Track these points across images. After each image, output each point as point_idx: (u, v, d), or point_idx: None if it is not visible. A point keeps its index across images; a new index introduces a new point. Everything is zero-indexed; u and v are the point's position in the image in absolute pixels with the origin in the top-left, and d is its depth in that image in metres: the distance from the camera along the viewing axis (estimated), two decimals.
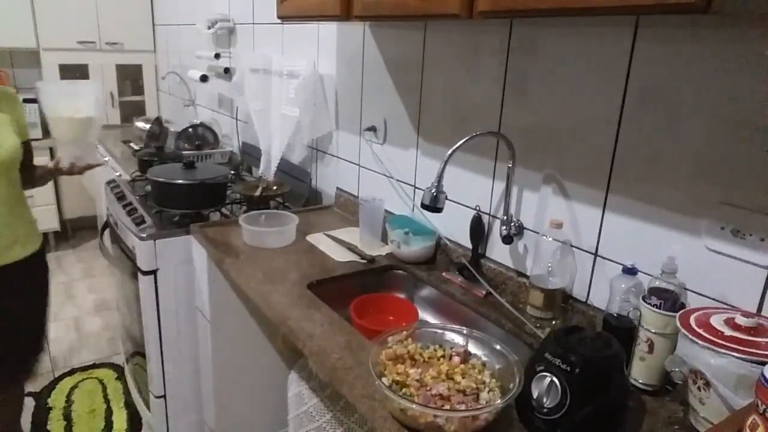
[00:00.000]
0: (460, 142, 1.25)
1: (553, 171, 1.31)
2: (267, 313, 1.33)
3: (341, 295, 1.41)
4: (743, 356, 0.81)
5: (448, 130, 1.59)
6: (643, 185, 1.12)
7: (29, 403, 2.39)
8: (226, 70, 2.81)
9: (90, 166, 1.82)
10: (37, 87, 1.94)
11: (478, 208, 1.50)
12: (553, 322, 1.26)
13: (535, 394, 0.88)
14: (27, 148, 1.69)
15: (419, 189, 1.74)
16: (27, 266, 1.68)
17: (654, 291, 1.02)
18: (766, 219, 0.94)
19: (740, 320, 0.88)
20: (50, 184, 3.80)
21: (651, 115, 1.09)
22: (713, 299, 1.03)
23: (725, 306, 1.01)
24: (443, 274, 1.53)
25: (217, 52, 2.91)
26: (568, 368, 0.86)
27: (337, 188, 2.14)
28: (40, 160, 3.67)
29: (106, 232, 2.29)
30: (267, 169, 2.38)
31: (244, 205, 2.10)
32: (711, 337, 0.86)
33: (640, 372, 1.03)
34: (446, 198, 1.26)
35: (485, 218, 1.49)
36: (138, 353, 2.11)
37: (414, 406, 0.85)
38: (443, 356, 1.03)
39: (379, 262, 1.61)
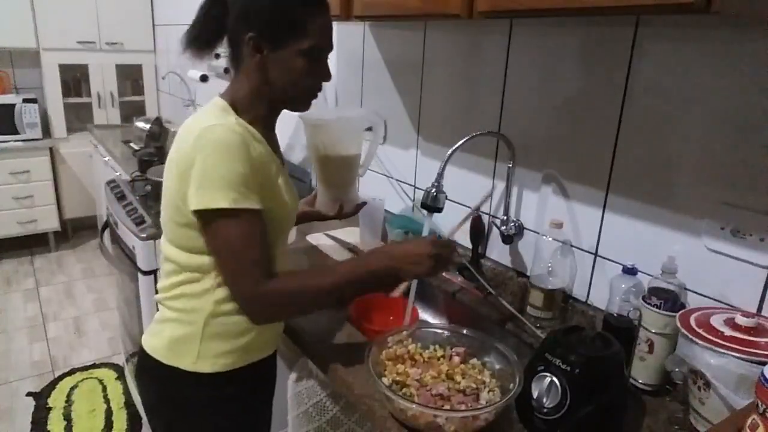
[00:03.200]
0: (460, 142, 1.25)
1: (553, 171, 1.31)
2: None
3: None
4: (743, 356, 0.82)
5: (448, 130, 1.59)
6: (643, 185, 1.12)
7: (29, 403, 2.40)
8: (226, 70, 2.79)
9: (358, 208, 1.37)
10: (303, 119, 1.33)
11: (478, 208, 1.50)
12: (553, 322, 1.26)
13: (535, 394, 0.88)
14: None
15: (419, 189, 1.74)
16: None
17: (654, 291, 1.02)
18: (766, 219, 0.94)
19: (740, 320, 0.88)
20: (50, 185, 3.81)
21: (651, 115, 1.09)
22: (713, 299, 1.03)
23: (725, 306, 1.01)
24: (443, 274, 1.53)
25: (217, 52, 2.90)
26: (568, 368, 0.86)
27: None
28: (40, 160, 3.73)
29: (106, 232, 2.29)
30: None
31: None
32: (711, 337, 0.86)
33: (640, 372, 1.03)
34: (446, 198, 1.26)
35: (485, 218, 1.49)
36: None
37: (414, 406, 0.85)
38: (443, 356, 1.03)
39: None
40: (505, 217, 1.40)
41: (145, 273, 1.82)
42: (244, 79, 1.00)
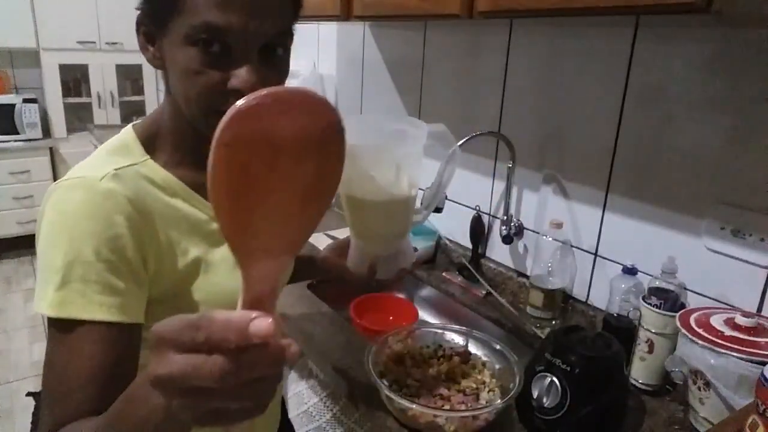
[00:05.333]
0: (460, 142, 1.25)
1: (553, 171, 1.31)
2: None
3: (341, 295, 1.41)
4: (743, 356, 0.81)
5: (448, 130, 1.58)
6: (643, 185, 1.12)
7: (29, 403, 2.40)
8: None
9: (403, 272, 0.93)
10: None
11: (478, 208, 1.50)
12: (553, 322, 1.26)
13: (535, 394, 0.88)
14: None
15: (419, 189, 1.74)
16: None
17: (654, 291, 1.01)
18: (766, 219, 0.94)
19: (740, 320, 0.88)
20: (50, 184, 3.80)
21: (651, 115, 1.09)
22: (713, 299, 1.03)
23: (725, 306, 1.01)
24: (443, 274, 1.53)
25: None
26: (568, 368, 0.86)
27: None
28: (40, 160, 3.72)
29: None
30: None
31: None
32: (711, 337, 0.86)
33: (640, 372, 1.03)
34: (446, 198, 1.26)
35: (485, 218, 1.49)
36: None
37: (414, 406, 0.85)
38: (443, 356, 1.03)
39: None
40: (505, 217, 1.40)
41: None
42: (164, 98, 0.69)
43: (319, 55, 2.12)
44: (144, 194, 0.63)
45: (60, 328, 0.56)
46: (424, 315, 1.48)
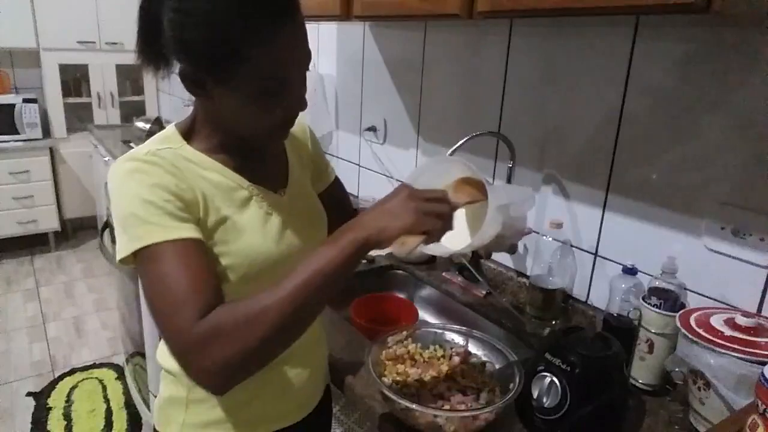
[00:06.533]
0: (460, 142, 1.25)
1: (553, 171, 1.31)
2: None
3: (341, 295, 1.41)
4: (743, 356, 0.81)
5: (448, 130, 1.59)
6: (643, 185, 1.12)
7: (29, 403, 2.40)
8: None
9: (515, 248, 1.04)
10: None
11: None
12: (553, 322, 1.26)
13: (535, 394, 0.88)
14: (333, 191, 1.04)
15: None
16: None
17: (654, 291, 1.01)
18: (766, 219, 0.94)
19: (740, 320, 0.88)
20: (50, 185, 3.81)
21: (651, 115, 1.09)
22: (713, 299, 1.03)
23: (725, 306, 1.01)
24: (443, 274, 1.53)
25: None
26: (568, 368, 0.86)
27: None
28: (40, 160, 3.72)
29: (106, 232, 2.29)
30: None
31: None
32: (711, 337, 0.86)
33: (640, 372, 1.03)
34: None
35: None
36: (138, 353, 2.11)
37: (414, 406, 0.85)
38: (443, 356, 1.03)
39: (379, 262, 1.61)
40: None
41: None
42: (198, 105, 0.81)
43: (319, 55, 2.12)
44: (180, 165, 0.75)
45: (149, 258, 0.68)
46: (424, 315, 1.48)
